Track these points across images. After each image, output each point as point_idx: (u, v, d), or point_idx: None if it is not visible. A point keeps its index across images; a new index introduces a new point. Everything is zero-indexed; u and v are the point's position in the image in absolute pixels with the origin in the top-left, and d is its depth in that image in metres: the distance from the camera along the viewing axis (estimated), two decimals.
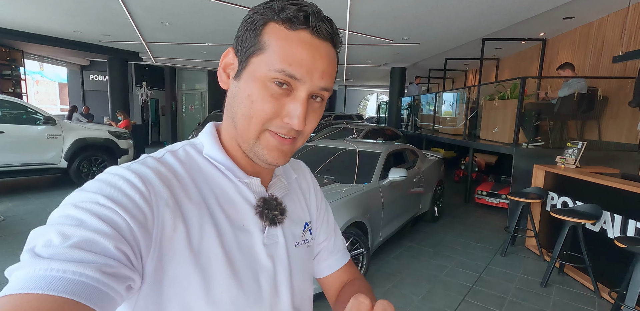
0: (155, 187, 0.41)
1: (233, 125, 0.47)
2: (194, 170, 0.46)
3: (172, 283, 0.41)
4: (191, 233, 0.42)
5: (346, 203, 2.62)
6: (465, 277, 2.85)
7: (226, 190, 0.47)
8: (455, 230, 4.03)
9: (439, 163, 4.80)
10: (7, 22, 6.09)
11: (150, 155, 0.47)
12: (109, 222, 0.36)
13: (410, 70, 10.20)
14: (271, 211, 0.50)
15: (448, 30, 5.73)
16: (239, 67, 0.45)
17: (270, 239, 0.50)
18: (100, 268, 0.33)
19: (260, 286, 0.48)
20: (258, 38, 0.43)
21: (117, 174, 0.41)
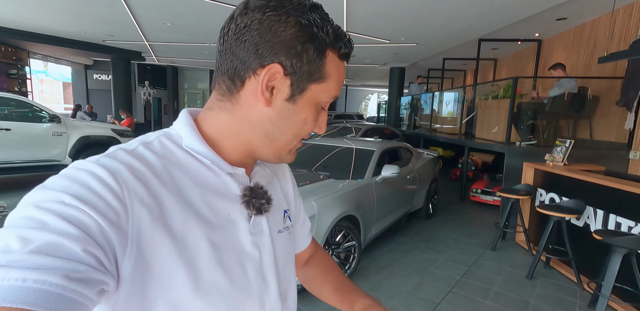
0: (128, 182, 0.39)
1: (267, 139, 0.48)
2: (172, 162, 0.44)
3: (158, 281, 0.39)
4: (173, 228, 0.41)
5: (339, 198, 2.73)
6: (455, 270, 2.95)
7: (209, 182, 0.46)
8: (448, 226, 4.14)
9: (434, 161, 4.89)
10: (13, 22, 6.24)
11: (121, 147, 0.44)
12: (76, 223, 0.33)
13: (409, 70, 10.30)
14: (258, 200, 0.50)
15: (445, 31, 5.83)
16: (295, 90, 0.45)
17: (256, 228, 0.50)
18: (66, 274, 0.30)
19: (247, 276, 0.48)
20: (321, 67, 0.45)
21: (85, 169, 0.38)
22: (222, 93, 0.47)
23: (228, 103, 0.47)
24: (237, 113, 0.47)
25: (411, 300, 2.45)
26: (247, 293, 0.48)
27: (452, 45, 6.95)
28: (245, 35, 0.43)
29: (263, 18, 0.42)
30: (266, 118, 0.46)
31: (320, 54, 0.45)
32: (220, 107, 0.48)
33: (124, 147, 0.44)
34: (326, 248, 2.53)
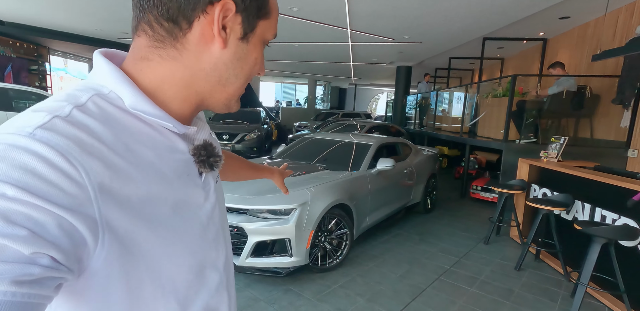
0: (83, 162, 0.33)
1: (220, 83, 0.44)
2: (118, 129, 0.39)
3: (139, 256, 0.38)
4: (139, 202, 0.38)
5: (332, 187, 2.85)
6: (445, 260, 3.04)
7: (159, 144, 0.43)
8: (444, 221, 4.21)
9: (434, 158, 4.96)
10: (34, 20, 6.55)
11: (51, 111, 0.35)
12: (23, 222, 0.29)
13: (416, 68, 10.32)
14: (213, 158, 0.49)
15: (446, 30, 5.88)
16: (247, 28, 0.43)
17: (206, 183, 0.50)
18: (14, 280, 0.27)
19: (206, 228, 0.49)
20: (266, 3, 0.44)
21: (23, 148, 0.31)
22: (159, 39, 0.41)
23: (172, 49, 0.41)
24: (185, 60, 0.42)
25: (398, 286, 2.55)
26: (207, 242, 0.49)
27: (455, 44, 6.97)
28: None
29: None
30: (221, 62, 0.43)
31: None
32: (162, 56, 0.41)
33: (55, 112, 0.35)
34: (319, 234, 2.66)
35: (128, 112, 0.41)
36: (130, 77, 0.42)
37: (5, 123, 0.34)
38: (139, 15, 0.41)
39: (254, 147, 7.53)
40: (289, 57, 10.08)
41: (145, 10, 0.40)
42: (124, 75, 0.41)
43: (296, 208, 2.51)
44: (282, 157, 3.93)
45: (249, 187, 2.73)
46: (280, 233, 2.45)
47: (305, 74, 14.93)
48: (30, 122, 0.33)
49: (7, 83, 5.33)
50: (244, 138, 7.47)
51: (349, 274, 2.71)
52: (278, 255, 2.48)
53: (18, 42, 7.16)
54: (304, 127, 11.58)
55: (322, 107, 18.15)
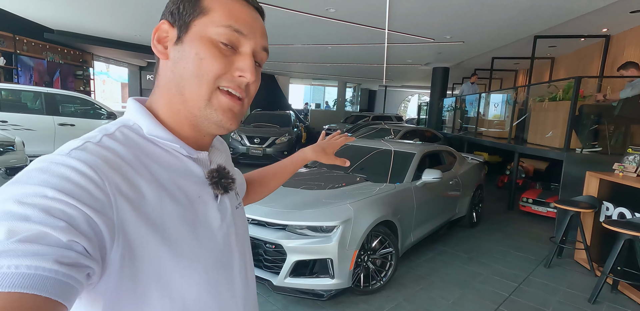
0: (106, 173, 0.39)
1: (179, 92, 0.46)
2: (139, 151, 0.45)
3: (145, 264, 0.41)
4: (151, 214, 0.42)
5: (376, 201, 2.62)
6: (501, 286, 2.70)
7: (176, 168, 0.48)
8: (493, 237, 3.83)
9: (480, 167, 4.58)
10: (80, 28, 6.87)
11: (86, 139, 0.43)
12: (61, 216, 0.34)
13: (453, 70, 9.82)
14: (226, 180, 0.52)
15: (495, 28, 5.45)
16: (179, 33, 0.46)
17: (222, 206, 0.53)
18: (57, 259, 0.31)
19: (220, 249, 0.51)
20: (198, 4, 0.46)
21: (60, 163, 0.37)
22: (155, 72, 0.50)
23: (156, 78, 0.50)
24: (160, 84, 0.49)
25: None
26: (221, 264, 0.51)
27: (503, 43, 6.49)
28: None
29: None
30: (168, 72, 0.47)
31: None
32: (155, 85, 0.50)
33: (89, 139, 0.43)
34: (361, 253, 2.43)
35: (147, 139, 0.47)
36: (150, 110, 0.49)
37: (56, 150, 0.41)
38: None
39: (285, 151, 7.43)
40: (320, 60, 9.93)
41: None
42: (143, 108, 0.48)
43: (339, 226, 2.30)
44: (317, 164, 3.75)
45: (287, 200, 2.56)
46: (322, 253, 2.25)
47: (335, 76, 14.74)
48: (69, 146, 0.41)
49: (54, 89, 5.58)
50: (274, 142, 7.40)
51: (394, 298, 2.46)
52: (319, 276, 2.28)
53: (65, 49, 7.53)
54: (333, 130, 11.36)
55: (352, 110, 17.87)
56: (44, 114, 4.79)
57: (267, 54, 0.51)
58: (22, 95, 4.89)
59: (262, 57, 0.51)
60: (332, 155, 0.86)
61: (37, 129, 4.68)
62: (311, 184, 2.97)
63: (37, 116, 4.75)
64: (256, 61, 0.49)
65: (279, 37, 6.85)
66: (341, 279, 2.26)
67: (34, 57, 6.73)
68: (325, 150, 0.87)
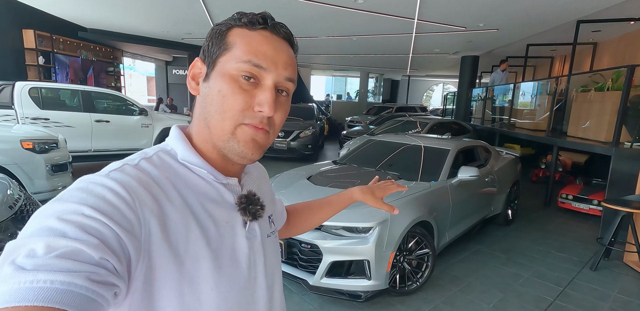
0: (138, 194, 0.41)
1: (206, 126, 0.49)
2: (172, 175, 0.47)
3: (162, 287, 0.42)
4: (175, 236, 0.43)
5: (412, 202, 2.55)
6: (545, 289, 2.59)
7: (206, 192, 0.49)
8: (531, 236, 3.67)
9: (515, 162, 4.37)
10: (112, 26, 7.06)
11: (125, 162, 0.46)
12: (95, 233, 0.36)
13: (483, 58, 9.36)
14: (254, 206, 0.53)
15: (533, 13, 5.09)
16: (207, 70, 0.48)
17: (251, 233, 0.53)
18: (88, 277, 0.33)
19: (243, 278, 0.50)
20: (223, 41, 0.48)
21: (99, 183, 0.40)
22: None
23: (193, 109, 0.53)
24: (194, 114, 0.51)
25: None
26: (243, 294, 0.50)
27: (542, 29, 6.08)
28: None
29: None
30: (198, 105, 0.50)
31: (223, 33, 0.49)
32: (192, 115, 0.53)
33: (128, 162, 0.46)
34: (397, 254, 2.39)
35: (180, 163, 0.49)
36: (188, 137, 0.52)
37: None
38: None
39: (309, 145, 7.41)
40: (344, 51, 9.73)
41: None
42: (182, 134, 0.52)
43: (375, 227, 2.25)
44: (346, 161, 3.69)
45: None
46: (359, 254, 2.22)
47: (358, 67, 14.45)
48: (110, 167, 0.45)
49: (90, 86, 5.79)
50: (299, 135, 7.38)
51: (431, 300, 2.41)
52: (355, 276, 2.27)
53: (98, 46, 7.78)
54: (356, 123, 11.18)
55: (374, 101, 17.53)
56: (82, 111, 4.99)
57: (292, 83, 0.51)
58: (61, 93, 5.10)
59: (288, 87, 0.50)
60: (380, 199, 0.81)
61: (75, 126, 4.89)
62: (343, 182, 2.94)
63: (76, 113, 4.94)
64: (281, 90, 0.50)
65: (305, 30, 6.75)
66: (378, 280, 2.23)
67: (69, 55, 6.99)
68: (374, 194, 0.81)
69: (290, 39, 0.51)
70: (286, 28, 0.51)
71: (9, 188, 1.90)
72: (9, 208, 1.67)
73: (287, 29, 0.51)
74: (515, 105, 6.73)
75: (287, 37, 0.51)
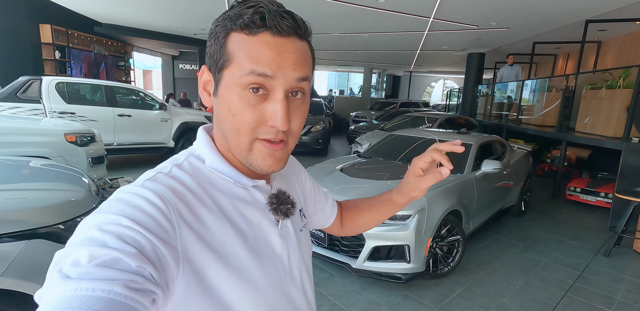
0: (172, 203, 0.42)
1: (225, 140, 0.49)
2: (203, 181, 0.48)
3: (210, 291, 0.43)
4: (214, 241, 0.44)
5: (445, 192, 2.73)
6: (564, 274, 2.81)
7: (237, 194, 0.50)
8: (545, 226, 3.89)
9: (527, 156, 4.58)
10: (126, 21, 7.07)
11: (158, 170, 0.47)
12: (132, 242, 0.37)
13: (489, 55, 9.53)
14: (285, 205, 0.54)
15: (544, 13, 5.26)
16: (215, 83, 0.47)
17: (284, 231, 0.54)
18: (126, 285, 0.34)
19: (279, 275, 0.52)
20: (224, 50, 0.44)
21: (135, 193, 0.42)
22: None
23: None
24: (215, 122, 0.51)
25: (522, 300, 2.40)
26: (281, 290, 0.52)
27: (551, 28, 6.25)
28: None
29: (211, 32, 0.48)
30: (215, 120, 0.50)
31: (222, 39, 0.45)
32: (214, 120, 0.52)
33: (161, 170, 0.47)
34: (436, 240, 2.58)
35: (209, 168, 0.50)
36: (214, 141, 0.52)
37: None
38: None
39: (320, 139, 7.55)
40: (353, 47, 9.84)
41: None
42: (209, 140, 0.52)
43: (414, 215, 2.44)
44: (370, 154, 3.87)
45: (360, 190, 2.71)
46: (400, 239, 2.41)
47: (362, 63, 14.55)
48: (145, 176, 0.46)
49: (112, 81, 5.85)
50: (310, 130, 7.52)
51: (462, 283, 2.61)
52: (395, 260, 2.45)
53: (110, 41, 7.81)
54: (361, 118, 11.32)
55: (376, 96, 17.66)
56: (105, 106, 5.08)
57: (307, 81, 0.47)
58: (85, 88, 5.18)
59: (302, 87, 0.46)
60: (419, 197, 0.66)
61: (99, 120, 4.98)
62: (374, 173, 3.11)
63: (99, 108, 5.04)
64: (295, 92, 0.46)
65: (317, 27, 6.84)
66: (417, 264, 2.42)
67: (83, 50, 7.02)
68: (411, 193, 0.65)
69: (297, 31, 0.45)
70: (289, 20, 0.44)
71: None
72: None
73: (291, 19, 0.44)
74: (528, 101, 6.88)
75: (293, 31, 0.44)
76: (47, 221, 1.41)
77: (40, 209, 1.45)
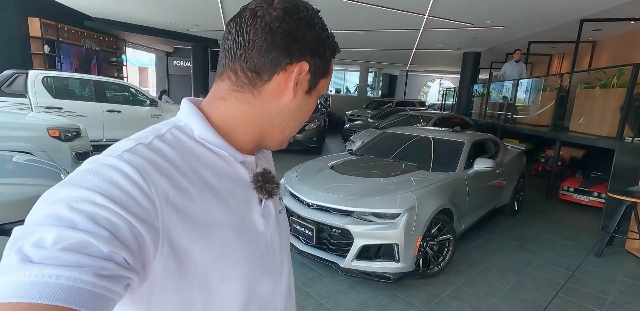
0: (154, 179, 0.39)
1: (280, 129, 0.52)
2: (187, 154, 0.46)
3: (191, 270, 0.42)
4: (199, 219, 0.43)
5: (436, 190, 2.68)
6: (556, 274, 2.77)
7: (223, 170, 0.49)
8: (538, 226, 3.86)
9: (521, 155, 4.55)
10: (117, 15, 6.95)
11: (138, 140, 0.44)
12: (106, 224, 0.34)
13: (485, 55, 9.52)
14: (270, 184, 0.53)
15: (540, 11, 5.23)
16: (312, 84, 0.51)
17: (266, 211, 0.54)
18: (95, 272, 0.32)
19: (262, 255, 0.52)
20: (328, 65, 0.52)
21: (113, 166, 0.38)
22: (240, 84, 0.49)
23: (249, 94, 0.49)
24: (257, 104, 0.50)
25: (513, 300, 2.36)
26: (263, 270, 0.52)
27: (546, 27, 6.23)
28: (276, 35, 0.46)
29: (290, 20, 0.46)
30: (286, 110, 0.51)
31: (332, 54, 0.52)
32: (238, 98, 0.49)
33: (141, 140, 0.43)
34: (427, 239, 2.52)
35: (197, 141, 0.48)
36: (203, 113, 0.50)
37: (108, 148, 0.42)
38: (227, 64, 0.48)
39: (314, 137, 7.49)
40: (348, 45, 9.77)
41: (235, 61, 0.47)
42: (198, 111, 0.49)
43: (404, 213, 2.38)
44: (362, 152, 3.81)
45: (350, 188, 2.66)
46: (388, 238, 2.35)
47: (358, 61, 14.49)
48: (122, 146, 0.42)
49: (102, 77, 5.74)
50: (304, 128, 7.44)
51: (453, 282, 2.56)
52: (384, 259, 2.40)
53: (102, 36, 7.68)
54: (357, 117, 11.28)
55: (372, 95, 17.62)
56: (94, 101, 4.98)
57: None
58: (73, 82, 5.07)
59: None
60: None
61: (88, 116, 4.88)
62: (364, 171, 3.05)
63: (88, 103, 4.94)
64: None
65: None
66: (406, 263, 2.37)
67: (73, 44, 6.89)
68: None
69: None
70: None
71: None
72: None
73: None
74: (524, 101, 6.86)
75: None
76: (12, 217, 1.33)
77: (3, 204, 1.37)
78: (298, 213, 2.62)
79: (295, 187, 2.80)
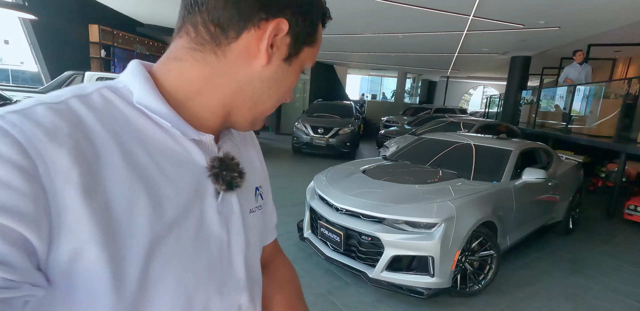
0: (44, 154, 0.28)
1: (252, 103, 0.42)
2: (118, 123, 0.35)
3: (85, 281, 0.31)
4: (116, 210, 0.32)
5: (478, 200, 2.44)
6: (620, 304, 2.38)
7: (167, 150, 0.37)
8: (597, 248, 3.40)
9: (577, 168, 4.09)
10: (167, 22, 7.40)
11: (42, 99, 0.32)
12: None
13: (535, 59, 8.85)
14: (229, 173, 0.41)
15: (602, 10, 4.72)
16: (292, 51, 0.41)
17: (225, 206, 0.42)
18: None
19: (212, 260, 0.40)
20: (314, 32, 0.43)
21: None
22: (200, 42, 0.38)
23: (210, 54, 0.39)
24: (221, 68, 0.39)
25: None
26: (211, 284, 0.41)
27: (608, 28, 5.63)
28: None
29: None
30: (258, 79, 0.41)
31: (318, 17, 0.43)
32: (197, 59, 0.39)
33: (45, 100, 0.32)
34: (466, 254, 2.28)
35: (134, 107, 0.37)
36: (152, 75, 0.39)
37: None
38: (186, 16, 0.39)
39: (347, 142, 7.38)
40: (385, 49, 9.58)
41: (195, 13, 0.38)
42: (143, 71, 0.39)
43: (440, 223, 2.17)
44: (396, 157, 3.62)
45: (382, 193, 2.49)
46: (423, 250, 2.15)
47: (396, 66, 14.20)
48: (12, 107, 0.31)
49: None
50: (338, 132, 7.37)
51: (495, 304, 2.29)
52: (417, 272, 2.20)
53: (151, 41, 8.21)
54: (392, 123, 11.01)
55: (410, 102, 17.16)
56: None
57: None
58: None
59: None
60: None
61: None
62: (397, 177, 2.87)
63: None
64: None
65: (348, 27, 6.71)
66: (441, 278, 2.15)
67: (126, 49, 7.42)
68: None
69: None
70: None
71: None
72: None
73: None
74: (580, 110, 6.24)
75: None
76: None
77: None
78: (326, 218, 2.50)
79: (324, 190, 2.69)
